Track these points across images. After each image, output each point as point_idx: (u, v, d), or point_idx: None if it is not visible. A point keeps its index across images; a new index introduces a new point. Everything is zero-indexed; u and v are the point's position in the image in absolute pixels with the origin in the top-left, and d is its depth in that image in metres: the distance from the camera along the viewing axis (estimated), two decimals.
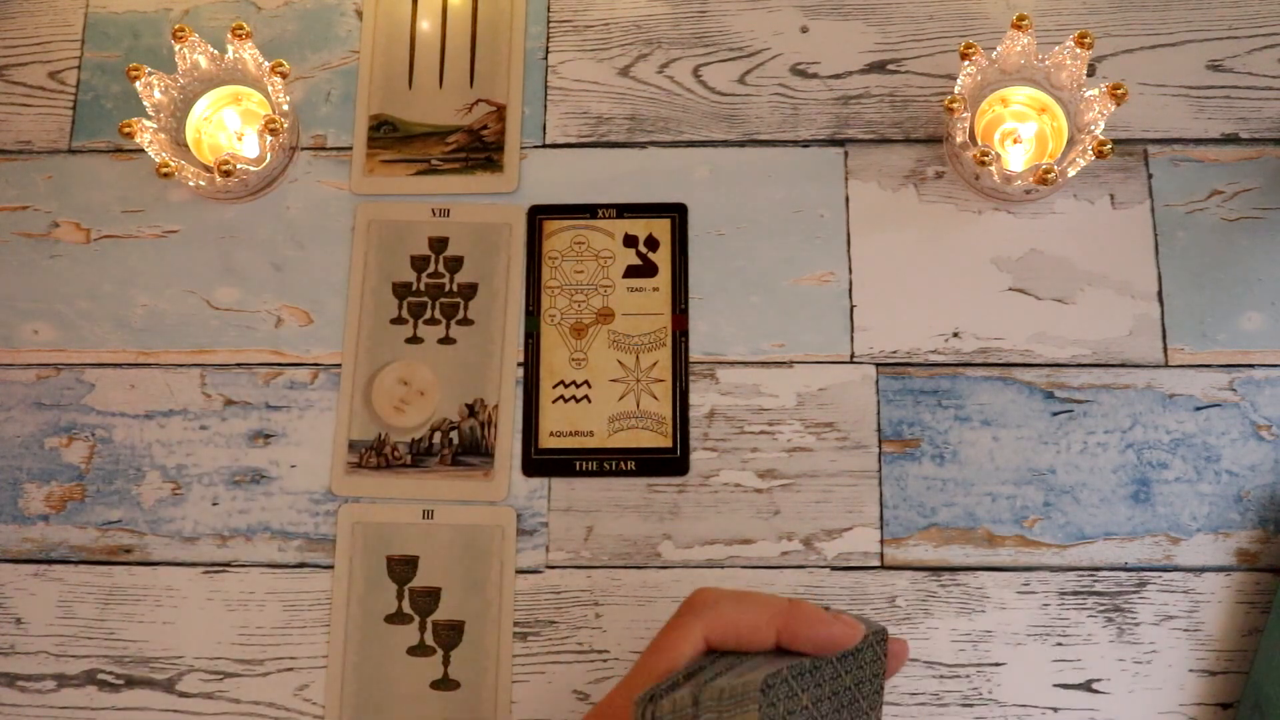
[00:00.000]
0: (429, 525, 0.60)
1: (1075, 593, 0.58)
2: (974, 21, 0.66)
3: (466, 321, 0.62)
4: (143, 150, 0.60)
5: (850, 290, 0.62)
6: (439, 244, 0.64)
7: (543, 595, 0.59)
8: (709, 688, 0.43)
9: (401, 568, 0.59)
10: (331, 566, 0.60)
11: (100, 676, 0.59)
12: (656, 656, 0.41)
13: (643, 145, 0.65)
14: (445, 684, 0.58)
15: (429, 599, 0.59)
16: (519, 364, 0.62)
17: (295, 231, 0.64)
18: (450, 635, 0.58)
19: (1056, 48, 0.60)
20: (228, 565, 0.60)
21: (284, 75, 0.61)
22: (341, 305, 0.63)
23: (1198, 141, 0.64)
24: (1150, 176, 0.63)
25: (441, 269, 0.63)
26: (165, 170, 0.59)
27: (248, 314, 0.63)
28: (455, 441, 0.61)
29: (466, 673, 0.58)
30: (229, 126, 0.65)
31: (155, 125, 0.60)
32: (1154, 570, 0.58)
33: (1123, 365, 0.61)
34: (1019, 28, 0.59)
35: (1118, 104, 0.58)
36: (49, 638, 0.59)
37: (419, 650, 0.58)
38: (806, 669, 0.44)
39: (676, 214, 0.64)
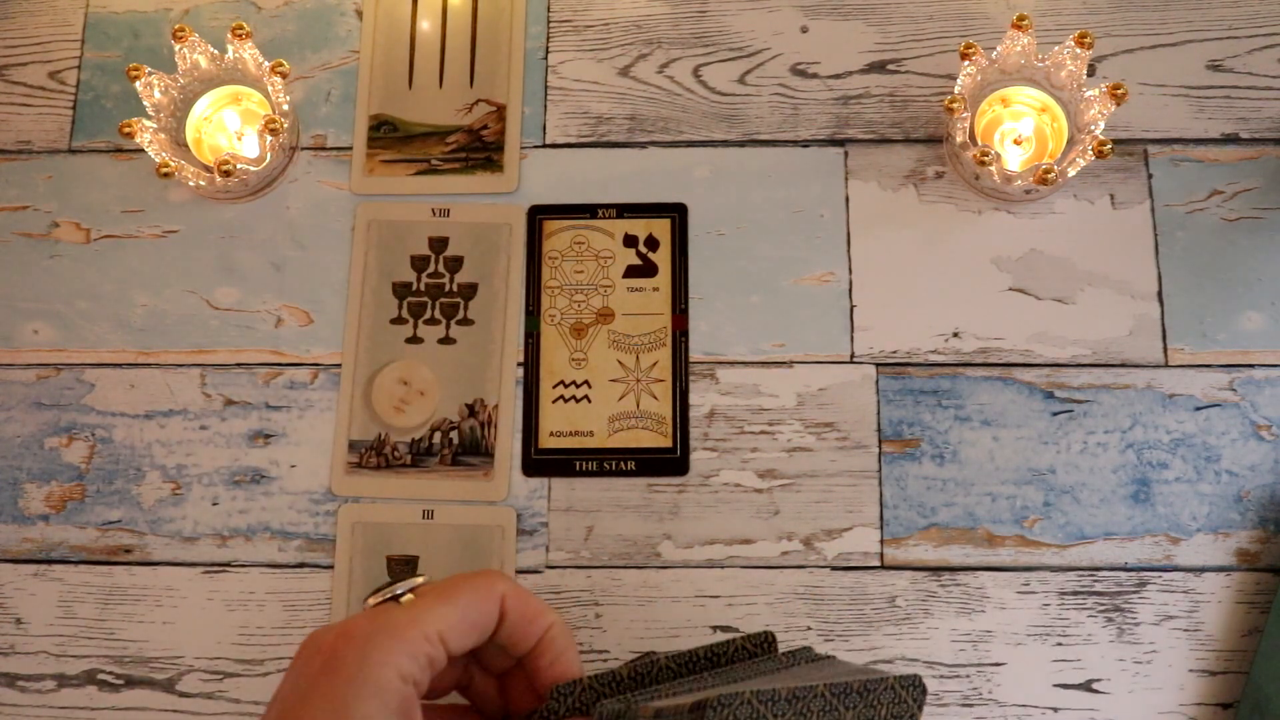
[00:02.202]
0: (429, 525, 0.60)
1: (1075, 593, 0.58)
2: (974, 21, 0.66)
3: (466, 321, 0.62)
4: (143, 150, 0.60)
5: (850, 290, 0.62)
6: (439, 244, 0.64)
7: (543, 595, 0.59)
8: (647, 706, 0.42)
9: (401, 568, 0.59)
10: (331, 566, 0.60)
11: (100, 676, 0.59)
12: (469, 591, 0.41)
13: (643, 145, 0.65)
14: None
15: None
16: (519, 364, 0.62)
17: (295, 231, 0.64)
18: None
19: (1056, 48, 0.60)
20: (228, 565, 0.60)
21: (284, 75, 0.61)
22: (341, 305, 0.63)
23: (1198, 141, 0.64)
24: (1150, 176, 0.63)
25: (441, 269, 0.63)
26: (165, 170, 0.59)
27: (248, 314, 0.63)
28: (455, 441, 0.61)
29: None
30: (229, 126, 0.65)
31: (155, 125, 0.60)
32: (1154, 570, 0.58)
33: (1123, 365, 0.61)
34: (1019, 28, 0.59)
35: (1118, 104, 0.58)
36: (49, 638, 0.59)
37: None
38: (782, 696, 0.44)
39: (676, 214, 0.64)
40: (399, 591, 0.42)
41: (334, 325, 0.63)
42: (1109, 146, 0.57)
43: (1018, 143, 0.63)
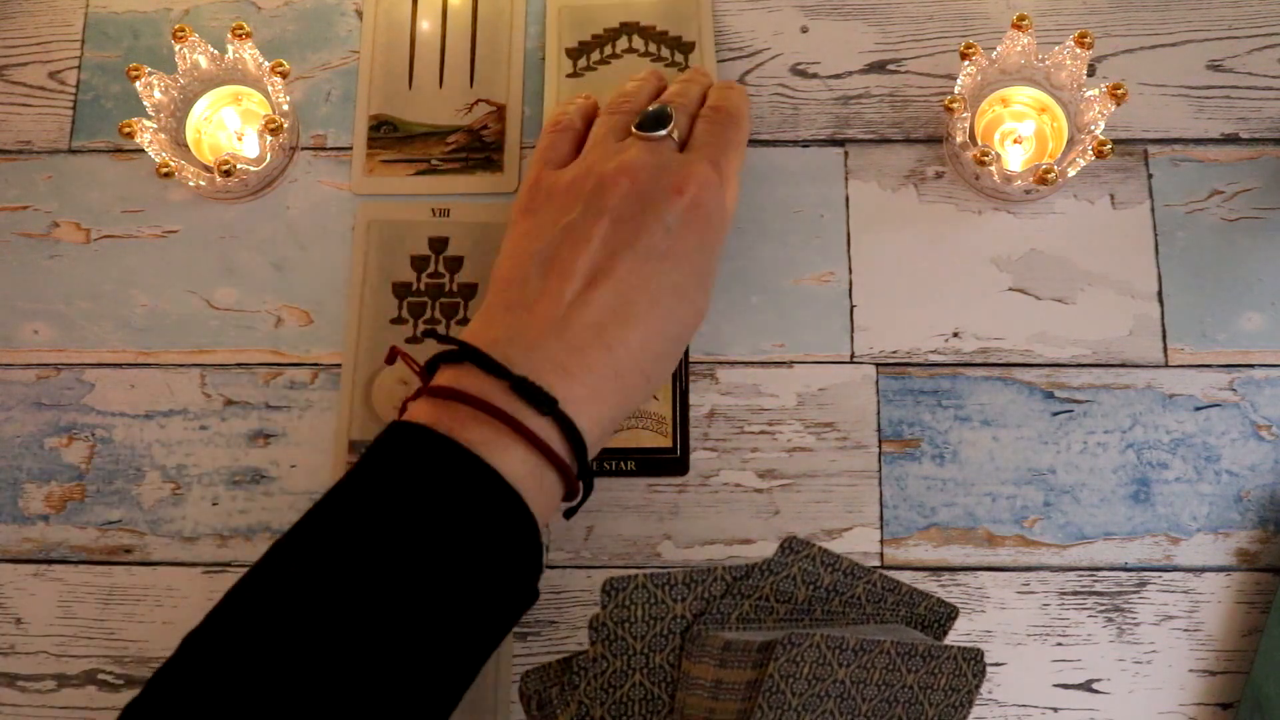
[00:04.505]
0: None
1: (1075, 593, 0.58)
2: (974, 21, 0.66)
3: (466, 322, 0.62)
4: (143, 150, 0.60)
5: (850, 290, 0.62)
6: (439, 244, 0.64)
7: (543, 595, 0.59)
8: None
9: None
10: None
11: (100, 676, 0.59)
12: (739, 138, 0.57)
13: None
14: None
15: None
16: None
17: (295, 231, 0.64)
18: None
19: (1056, 48, 0.60)
20: (228, 565, 0.60)
21: (284, 75, 0.61)
22: (341, 305, 0.63)
23: (1198, 141, 0.64)
24: (1150, 176, 0.63)
25: (441, 269, 0.63)
26: (165, 170, 0.59)
27: (248, 314, 0.63)
28: None
29: None
30: (229, 126, 0.65)
31: (155, 125, 0.60)
32: (1154, 570, 0.58)
33: (1123, 365, 0.61)
34: (1019, 28, 0.59)
35: (1118, 104, 0.58)
36: (49, 638, 0.59)
37: None
38: (850, 646, 0.44)
39: None
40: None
41: (334, 325, 0.63)
42: (1109, 146, 0.57)
43: (1018, 142, 0.63)
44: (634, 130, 0.54)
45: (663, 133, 0.53)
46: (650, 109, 0.55)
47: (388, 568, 0.42)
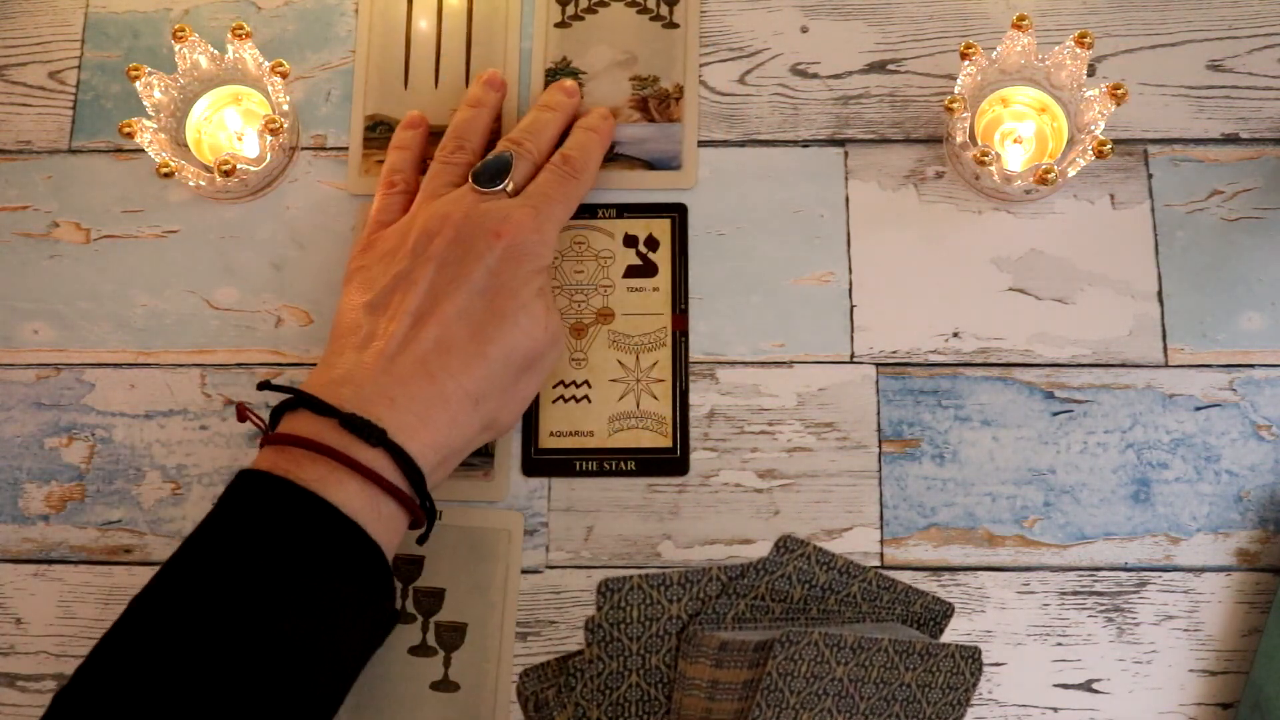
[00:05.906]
0: None
1: (1075, 593, 0.58)
2: (974, 21, 0.66)
3: None
4: (143, 150, 0.60)
5: (850, 290, 0.62)
6: None
7: (543, 595, 0.59)
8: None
9: (406, 568, 0.59)
10: None
11: None
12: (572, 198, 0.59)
13: None
14: (445, 685, 0.58)
15: (433, 599, 0.59)
16: None
17: (295, 231, 0.64)
18: (452, 637, 0.58)
19: (1056, 48, 0.60)
20: None
21: (284, 75, 0.61)
22: None
23: (1198, 141, 0.64)
24: (1150, 176, 0.63)
25: None
26: (165, 170, 0.59)
27: (248, 314, 0.63)
28: None
29: (467, 674, 0.58)
30: (229, 126, 0.64)
31: (155, 125, 0.60)
32: (1154, 570, 0.58)
33: (1123, 365, 0.61)
34: (1019, 28, 0.59)
35: (1118, 104, 0.58)
36: (49, 638, 0.59)
37: (420, 650, 0.58)
38: (848, 644, 0.44)
39: (676, 214, 0.64)
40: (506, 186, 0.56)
41: None
42: (1109, 146, 0.57)
43: (1018, 142, 0.63)
44: (471, 181, 0.57)
45: (497, 188, 0.56)
46: (490, 159, 0.57)
47: (240, 611, 0.44)
